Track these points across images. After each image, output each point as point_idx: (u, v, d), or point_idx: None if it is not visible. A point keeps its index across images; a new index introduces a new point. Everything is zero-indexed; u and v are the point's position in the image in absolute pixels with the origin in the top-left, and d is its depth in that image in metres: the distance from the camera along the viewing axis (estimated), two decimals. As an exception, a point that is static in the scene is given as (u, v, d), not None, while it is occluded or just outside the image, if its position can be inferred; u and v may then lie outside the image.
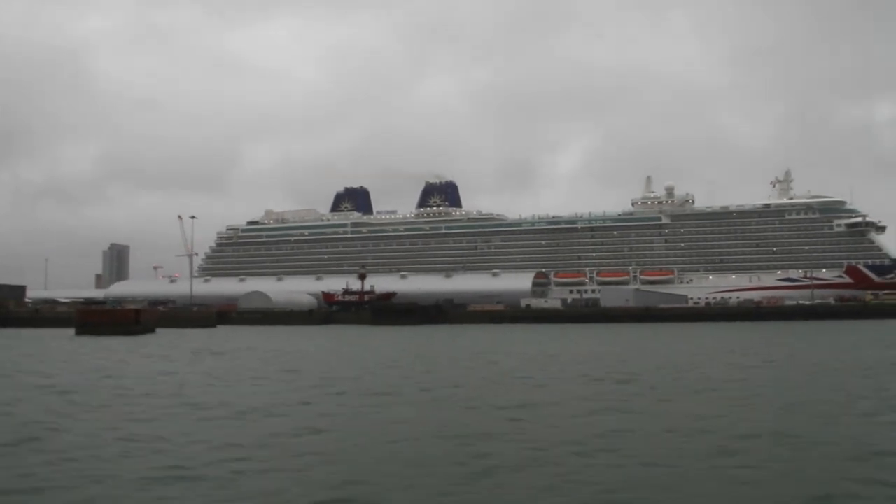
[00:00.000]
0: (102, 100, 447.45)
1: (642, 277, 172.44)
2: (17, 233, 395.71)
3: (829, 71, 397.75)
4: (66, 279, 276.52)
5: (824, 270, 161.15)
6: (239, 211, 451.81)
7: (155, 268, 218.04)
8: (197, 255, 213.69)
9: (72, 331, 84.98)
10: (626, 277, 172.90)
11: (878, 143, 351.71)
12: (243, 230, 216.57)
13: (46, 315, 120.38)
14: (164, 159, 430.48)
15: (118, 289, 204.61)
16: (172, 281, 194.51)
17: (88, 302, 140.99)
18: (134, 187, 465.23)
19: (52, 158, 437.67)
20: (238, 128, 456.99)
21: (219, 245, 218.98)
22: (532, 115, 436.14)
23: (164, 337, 79.07)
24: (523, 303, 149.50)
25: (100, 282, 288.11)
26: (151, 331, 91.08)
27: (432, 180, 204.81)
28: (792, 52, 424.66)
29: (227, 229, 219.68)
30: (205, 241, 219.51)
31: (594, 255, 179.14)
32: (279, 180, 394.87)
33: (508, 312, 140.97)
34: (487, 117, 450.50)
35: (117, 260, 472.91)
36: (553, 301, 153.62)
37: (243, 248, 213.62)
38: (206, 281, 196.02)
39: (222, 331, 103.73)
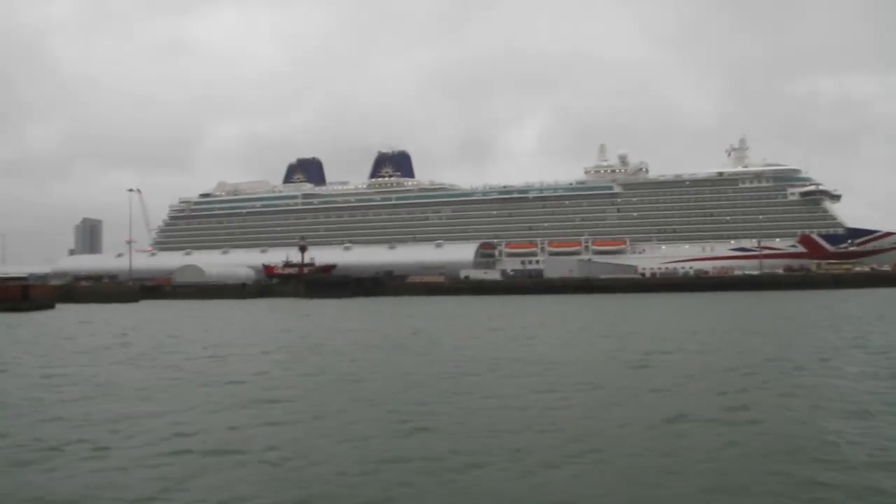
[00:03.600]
0: (65, 81, 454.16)
1: (594, 247, 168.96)
2: None
3: (760, 51, 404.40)
4: (42, 254, 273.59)
5: (778, 240, 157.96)
6: (203, 186, 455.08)
7: (127, 242, 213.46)
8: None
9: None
10: (578, 248, 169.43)
11: (824, 119, 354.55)
12: (195, 203, 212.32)
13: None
14: (131, 138, 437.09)
15: (66, 263, 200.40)
16: (119, 255, 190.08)
17: (6, 279, 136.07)
18: (102, 165, 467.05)
19: (20, 138, 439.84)
20: (200, 108, 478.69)
21: (172, 218, 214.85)
22: (482, 93, 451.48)
23: (52, 314, 75.18)
24: (462, 274, 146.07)
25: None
26: (49, 307, 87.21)
27: (384, 150, 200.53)
28: (718, 33, 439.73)
29: (180, 202, 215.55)
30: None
31: (545, 225, 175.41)
32: (241, 156, 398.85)
33: (446, 284, 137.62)
34: (439, 95, 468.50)
35: (90, 235, 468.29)
36: (493, 272, 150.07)
37: (196, 220, 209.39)
38: (153, 255, 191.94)
39: (140, 306, 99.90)
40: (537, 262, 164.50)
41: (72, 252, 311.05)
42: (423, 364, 25.32)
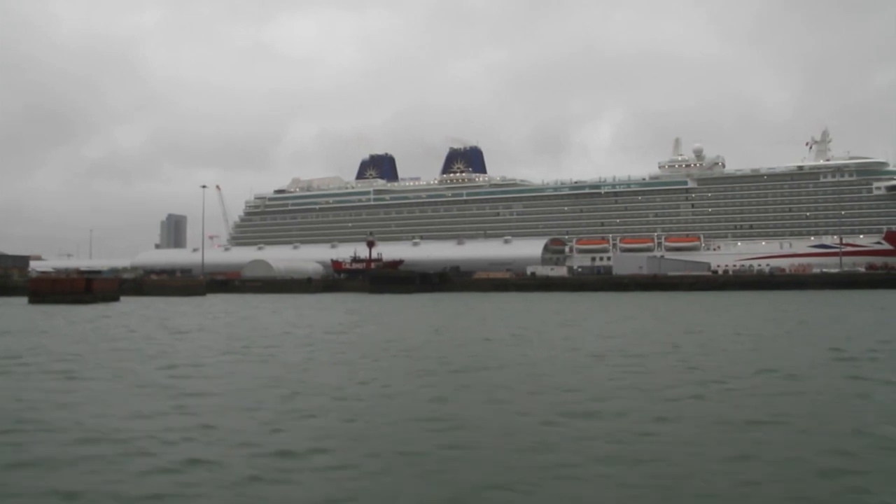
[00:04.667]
0: (153, 85, 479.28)
1: (667, 244, 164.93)
2: (81, 207, 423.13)
3: (838, 43, 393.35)
4: (131, 249, 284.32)
5: (861, 237, 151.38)
6: (281, 183, 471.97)
7: (210, 237, 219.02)
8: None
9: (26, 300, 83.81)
10: (651, 244, 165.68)
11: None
12: (270, 199, 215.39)
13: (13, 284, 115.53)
14: (214, 139, 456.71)
15: (145, 257, 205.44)
16: (195, 250, 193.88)
17: (84, 272, 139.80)
18: (188, 163, 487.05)
19: (110, 140, 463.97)
20: (280, 109, 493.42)
21: (247, 214, 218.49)
22: (556, 91, 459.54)
23: (111, 307, 76.43)
24: (528, 270, 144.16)
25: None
26: (113, 299, 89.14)
27: (456, 146, 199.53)
28: (793, 27, 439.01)
29: (255, 198, 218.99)
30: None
31: (618, 220, 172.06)
32: (318, 154, 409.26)
33: (512, 280, 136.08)
34: (512, 93, 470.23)
35: (175, 230, 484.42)
36: (560, 269, 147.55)
37: (270, 216, 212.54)
38: (227, 250, 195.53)
39: (204, 300, 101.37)
40: (608, 258, 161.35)
41: (157, 246, 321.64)
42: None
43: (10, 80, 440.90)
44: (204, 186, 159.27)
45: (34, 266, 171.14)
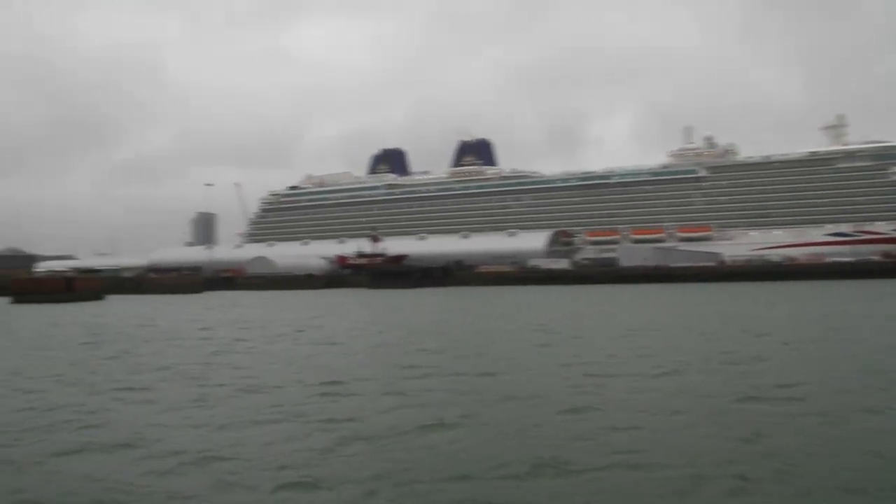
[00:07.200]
0: (178, 90, 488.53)
1: (678, 234, 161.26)
2: (115, 207, 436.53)
3: (831, 33, 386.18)
4: (162, 246, 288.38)
5: (879, 223, 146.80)
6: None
7: (240, 234, 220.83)
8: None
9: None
10: (662, 235, 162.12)
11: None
12: (283, 195, 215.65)
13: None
14: (239, 139, 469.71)
15: (159, 255, 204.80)
16: (209, 248, 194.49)
17: (84, 270, 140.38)
18: (215, 163, 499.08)
19: (138, 143, 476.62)
20: (300, 110, 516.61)
21: (262, 211, 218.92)
22: (564, 84, 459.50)
23: (81, 306, 75.93)
24: (531, 263, 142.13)
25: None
26: (95, 298, 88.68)
27: (466, 138, 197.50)
28: (784, 20, 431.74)
29: (270, 195, 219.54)
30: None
31: (627, 211, 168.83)
32: (336, 152, 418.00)
33: (513, 274, 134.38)
34: (521, 89, 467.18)
35: (205, 228, 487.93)
36: (562, 262, 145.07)
37: (284, 213, 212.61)
38: (238, 247, 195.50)
39: (200, 297, 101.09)
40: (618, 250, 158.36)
41: (189, 244, 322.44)
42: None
43: (39, 90, 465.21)
44: (209, 185, 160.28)
45: (50, 265, 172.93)
